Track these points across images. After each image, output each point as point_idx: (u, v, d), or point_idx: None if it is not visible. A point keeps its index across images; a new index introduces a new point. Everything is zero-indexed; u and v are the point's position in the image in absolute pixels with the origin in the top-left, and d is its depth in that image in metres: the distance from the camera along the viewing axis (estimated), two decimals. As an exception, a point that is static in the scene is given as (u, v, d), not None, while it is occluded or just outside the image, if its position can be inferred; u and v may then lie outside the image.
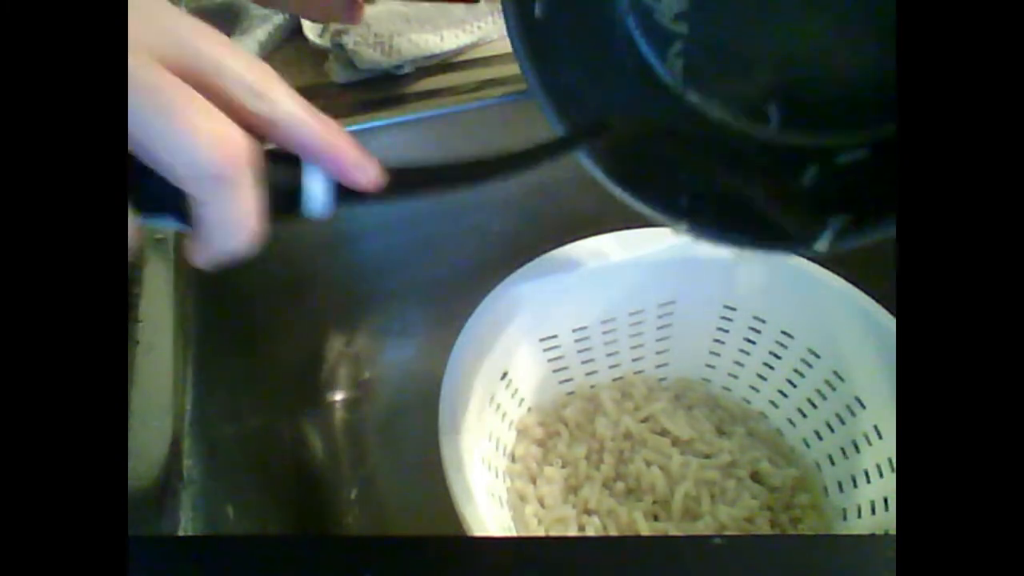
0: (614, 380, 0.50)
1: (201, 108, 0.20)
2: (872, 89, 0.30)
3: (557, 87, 0.33)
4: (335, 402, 0.55)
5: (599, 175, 0.33)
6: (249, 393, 0.47)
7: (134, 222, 0.21)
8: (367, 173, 0.24)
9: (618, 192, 0.33)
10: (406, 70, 0.50)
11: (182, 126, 0.20)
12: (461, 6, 0.52)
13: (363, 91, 0.50)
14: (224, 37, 0.22)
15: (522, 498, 0.43)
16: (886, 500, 0.40)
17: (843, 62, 0.31)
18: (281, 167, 0.23)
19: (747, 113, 0.33)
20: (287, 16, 0.54)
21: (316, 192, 0.23)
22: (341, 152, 0.23)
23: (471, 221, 0.55)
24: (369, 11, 0.50)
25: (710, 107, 0.34)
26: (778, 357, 0.47)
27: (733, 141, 0.33)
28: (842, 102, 0.31)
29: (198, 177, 0.20)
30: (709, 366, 0.50)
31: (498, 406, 0.44)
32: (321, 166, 0.23)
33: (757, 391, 0.49)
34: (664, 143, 0.34)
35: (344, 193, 0.24)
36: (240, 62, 0.22)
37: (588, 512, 0.43)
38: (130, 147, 0.20)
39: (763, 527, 0.42)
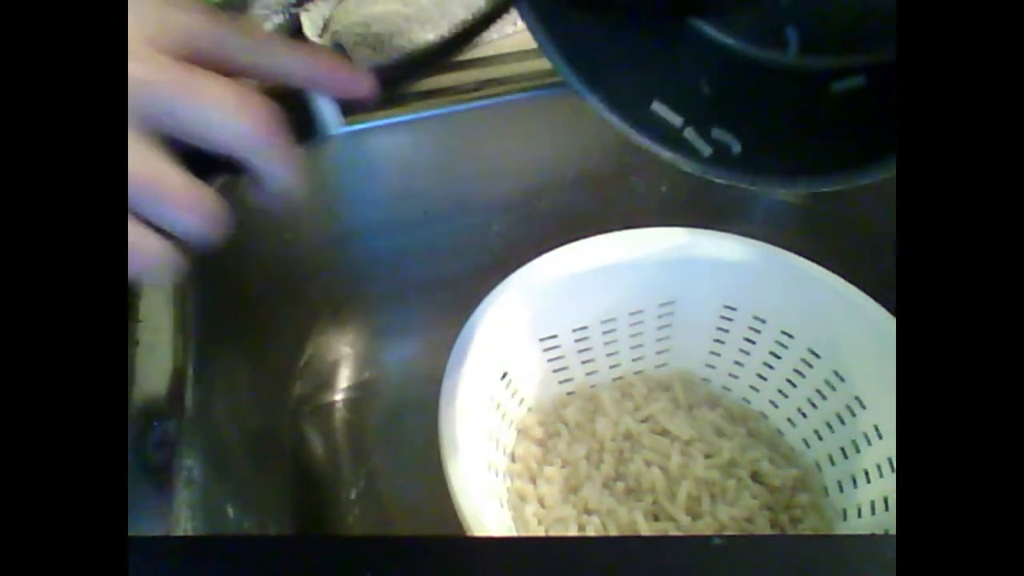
0: (614, 380, 0.50)
1: (220, 84, 0.23)
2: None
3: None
4: (335, 402, 0.55)
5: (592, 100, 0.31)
6: (249, 393, 0.47)
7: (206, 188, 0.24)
8: (363, 85, 0.27)
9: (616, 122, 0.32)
10: (406, 70, 0.50)
11: (213, 104, 0.23)
12: (461, 6, 0.52)
13: (363, 91, 0.50)
14: (205, 8, 0.25)
15: (522, 498, 0.43)
16: (886, 500, 0.40)
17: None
18: (290, 100, 0.26)
19: (764, 40, 0.32)
20: (287, 16, 0.54)
21: (326, 114, 0.27)
22: (337, 75, 0.27)
23: (471, 221, 0.55)
24: (369, 11, 0.50)
25: (723, 35, 0.32)
26: (778, 357, 0.47)
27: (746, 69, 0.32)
28: (861, 17, 0.30)
29: (244, 143, 0.24)
30: (709, 366, 0.50)
31: (498, 406, 0.44)
32: (324, 92, 0.26)
33: (757, 391, 0.49)
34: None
35: (347, 106, 0.27)
36: (230, 27, 0.25)
37: (588, 512, 0.43)
38: (173, 130, 0.23)
39: (763, 527, 0.42)
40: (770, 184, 0.31)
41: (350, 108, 0.27)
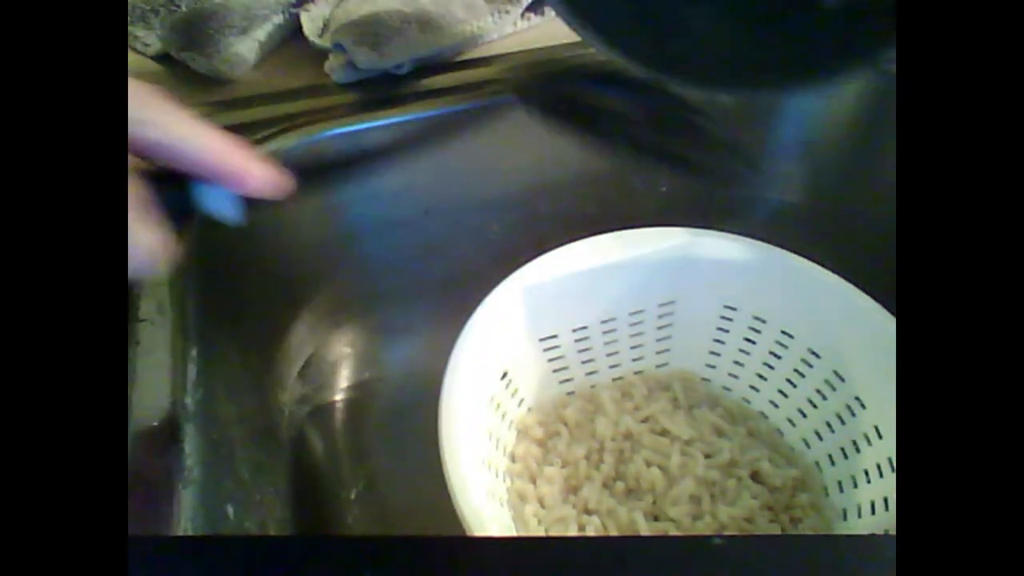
0: (614, 380, 0.50)
1: None
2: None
3: None
4: (335, 402, 0.55)
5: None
6: (249, 393, 0.47)
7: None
8: (259, 179, 0.25)
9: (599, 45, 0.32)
10: (406, 70, 0.50)
11: None
12: (461, 6, 0.52)
13: (363, 91, 0.50)
14: None
15: (522, 498, 0.43)
16: (886, 500, 0.40)
17: None
18: (176, 183, 0.24)
19: None
20: (287, 16, 0.54)
21: (216, 201, 0.24)
22: (228, 165, 0.24)
23: (471, 221, 0.55)
24: (369, 11, 0.50)
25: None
26: (778, 357, 0.47)
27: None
28: None
29: None
30: (709, 366, 0.50)
31: (498, 406, 0.44)
32: (213, 180, 0.24)
33: (757, 391, 0.49)
34: None
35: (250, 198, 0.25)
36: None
37: (588, 512, 0.43)
38: None
39: (763, 527, 0.42)
40: (766, 91, 0.32)
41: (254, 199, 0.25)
